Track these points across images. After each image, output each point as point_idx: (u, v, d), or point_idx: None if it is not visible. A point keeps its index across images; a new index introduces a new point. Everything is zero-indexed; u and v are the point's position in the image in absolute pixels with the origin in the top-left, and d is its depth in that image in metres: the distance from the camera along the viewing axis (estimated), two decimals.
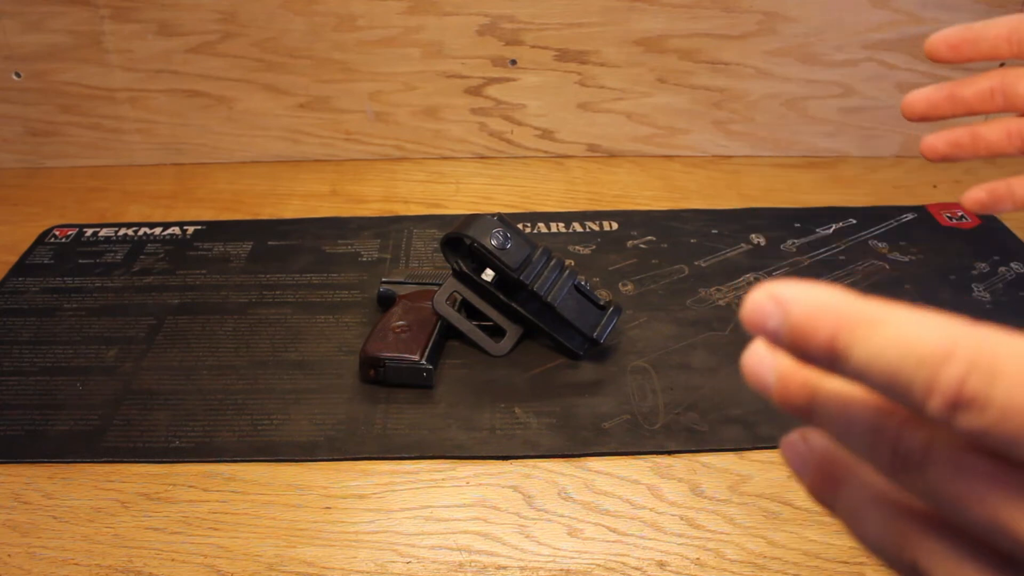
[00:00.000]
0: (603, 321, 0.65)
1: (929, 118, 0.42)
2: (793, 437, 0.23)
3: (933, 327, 0.18)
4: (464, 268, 0.66)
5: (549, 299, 0.64)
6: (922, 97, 0.42)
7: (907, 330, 0.19)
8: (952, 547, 0.20)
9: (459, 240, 0.65)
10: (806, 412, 0.22)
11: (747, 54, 0.93)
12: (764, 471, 0.57)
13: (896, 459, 0.20)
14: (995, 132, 0.42)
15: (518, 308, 0.66)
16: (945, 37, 0.41)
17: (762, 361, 0.22)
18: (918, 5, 0.88)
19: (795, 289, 0.20)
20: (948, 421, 0.18)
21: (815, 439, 0.23)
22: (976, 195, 0.43)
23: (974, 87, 0.41)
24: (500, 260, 0.63)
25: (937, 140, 0.43)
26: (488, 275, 0.66)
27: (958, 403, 0.18)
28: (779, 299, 0.20)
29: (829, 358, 0.20)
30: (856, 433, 0.21)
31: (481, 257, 0.65)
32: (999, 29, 0.40)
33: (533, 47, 0.93)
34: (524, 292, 0.65)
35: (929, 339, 0.18)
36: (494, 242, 0.63)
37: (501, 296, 0.66)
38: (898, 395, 0.19)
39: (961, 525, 0.20)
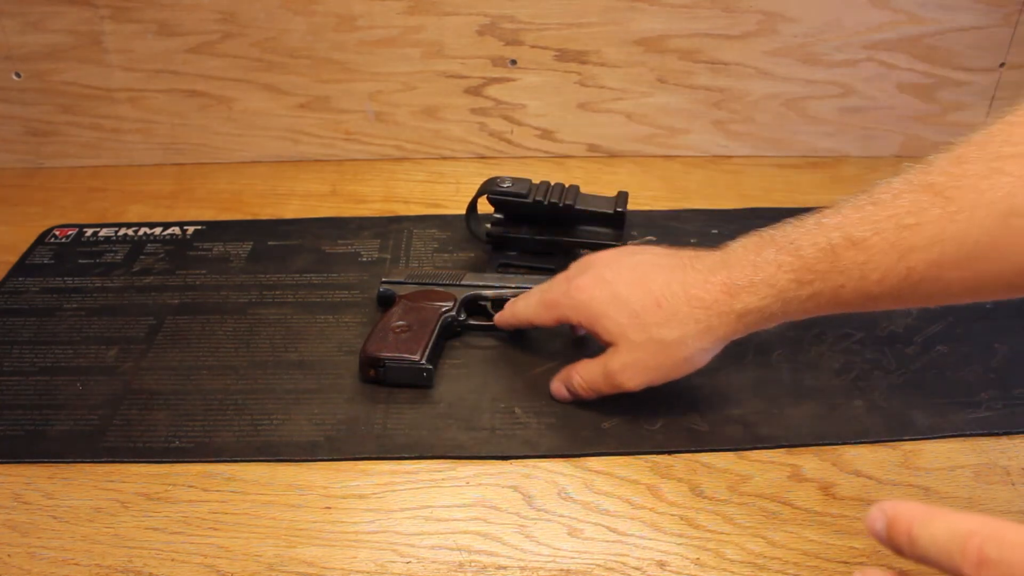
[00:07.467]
0: (616, 200, 0.75)
1: None
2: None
3: (960, 520, 0.32)
4: (492, 229, 0.77)
5: (565, 201, 0.74)
6: None
7: (945, 524, 0.32)
8: None
9: (475, 211, 0.78)
10: (903, 549, 0.34)
11: (747, 54, 0.93)
12: (764, 471, 0.57)
13: None
14: None
15: (543, 237, 0.76)
16: None
17: (875, 516, 0.35)
18: (918, 5, 0.88)
19: (889, 506, 0.35)
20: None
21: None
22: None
23: None
24: (512, 194, 0.75)
25: None
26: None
27: (980, 563, 0.30)
28: (883, 511, 0.35)
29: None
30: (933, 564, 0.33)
31: (500, 203, 0.76)
32: None
33: (533, 47, 0.93)
34: (542, 215, 0.75)
35: (958, 529, 0.32)
36: (504, 185, 0.75)
37: (529, 235, 0.77)
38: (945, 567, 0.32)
39: None
